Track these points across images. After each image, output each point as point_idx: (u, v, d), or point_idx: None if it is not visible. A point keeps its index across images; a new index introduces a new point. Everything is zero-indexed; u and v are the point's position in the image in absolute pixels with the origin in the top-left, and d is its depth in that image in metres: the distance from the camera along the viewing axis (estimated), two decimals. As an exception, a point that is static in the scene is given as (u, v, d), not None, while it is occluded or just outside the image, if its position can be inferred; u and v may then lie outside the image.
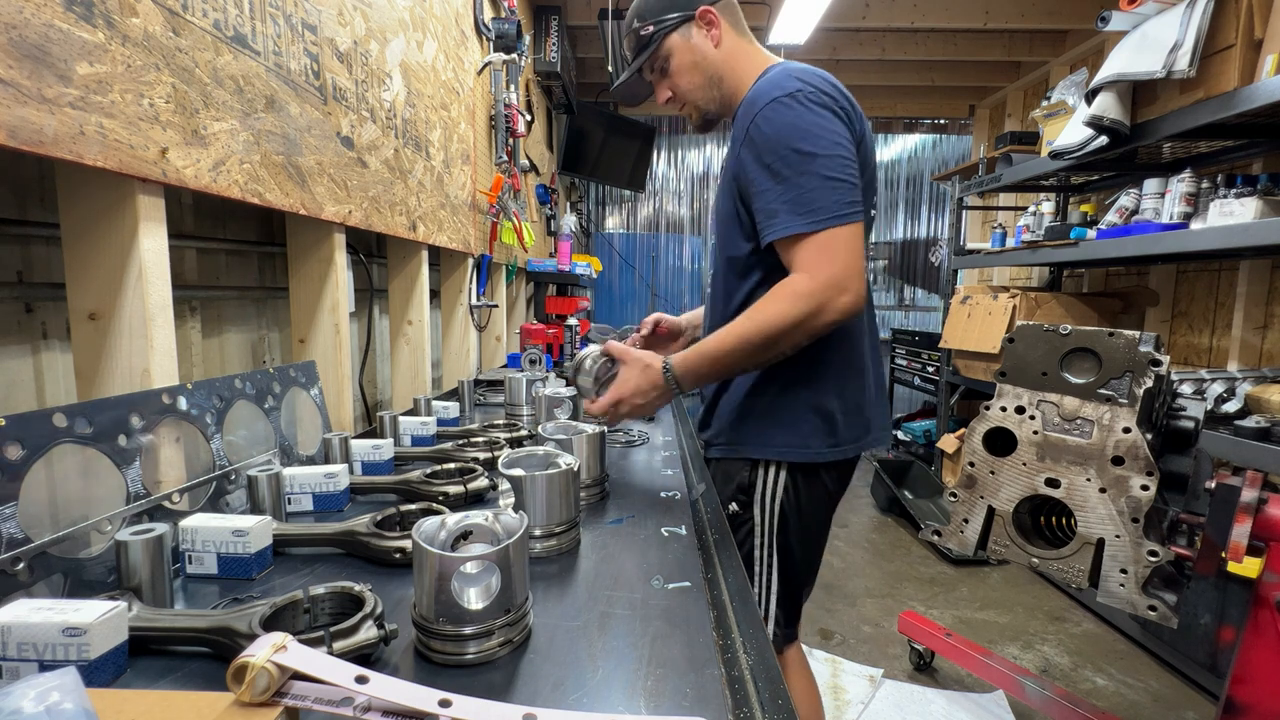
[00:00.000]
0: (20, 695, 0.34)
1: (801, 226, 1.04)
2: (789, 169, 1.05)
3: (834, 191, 1.04)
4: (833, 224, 1.03)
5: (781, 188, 1.06)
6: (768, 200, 1.08)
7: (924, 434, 4.31)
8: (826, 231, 1.03)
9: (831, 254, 1.04)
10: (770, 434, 1.20)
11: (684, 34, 1.21)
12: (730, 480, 1.25)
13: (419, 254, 1.74)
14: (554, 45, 3.23)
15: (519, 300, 3.18)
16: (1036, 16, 3.41)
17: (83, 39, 0.68)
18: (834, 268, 1.03)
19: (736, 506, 1.24)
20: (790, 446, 1.19)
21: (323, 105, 1.18)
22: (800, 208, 1.04)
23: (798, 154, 1.05)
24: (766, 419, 1.21)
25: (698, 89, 1.24)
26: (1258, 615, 1.09)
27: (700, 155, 5.53)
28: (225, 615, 0.55)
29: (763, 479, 1.22)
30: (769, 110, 1.07)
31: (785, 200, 1.05)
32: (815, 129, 1.06)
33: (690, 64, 1.22)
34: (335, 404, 1.29)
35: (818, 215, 1.04)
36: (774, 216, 1.07)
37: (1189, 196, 2.30)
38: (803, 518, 1.22)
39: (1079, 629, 2.56)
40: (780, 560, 1.23)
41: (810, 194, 1.04)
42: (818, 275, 1.03)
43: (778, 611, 1.25)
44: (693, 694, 0.51)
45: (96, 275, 0.79)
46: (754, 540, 1.23)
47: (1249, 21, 1.90)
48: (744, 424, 1.23)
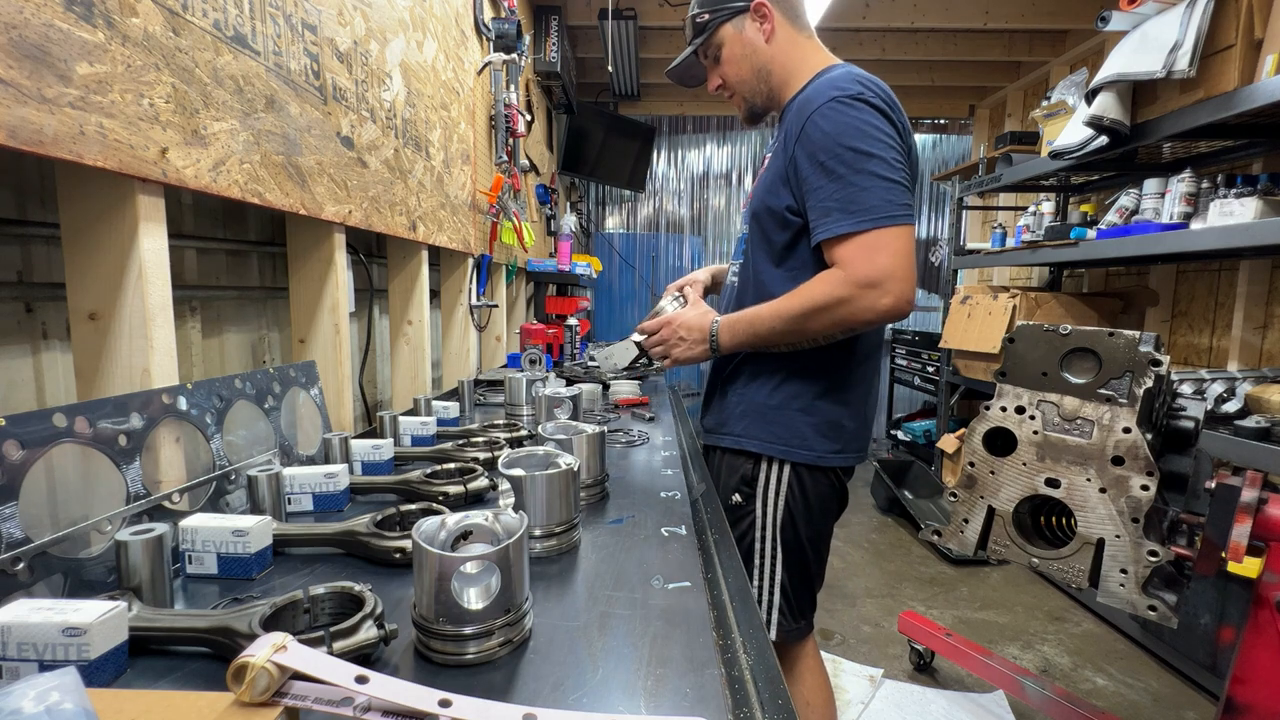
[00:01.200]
0: (20, 695, 0.34)
1: (849, 226, 1.05)
2: (844, 167, 1.06)
3: (886, 191, 1.05)
4: (881, 224, 1.04)
5: (835, 186, 1.06)
6: (820, 198, 1.08)
7: (924, 434, 4.30)
8: (874, 232, 1.04)
9: (872, 253, 1.04)
10: (778, 432, 1.22)
11: (737, 25, 1.22)
12: (734, 472, 1.26)
13: (419, 254, 1.74)
14: (554, 45, 3.23)
15: (519, 300, 3.18)
16: (1036, 16, 3.41)
17: (83, 39, 0.68)
18: (871, 267, 1.04)
19: (739, 498, 1.25)
20: (795, 447, 1.21)
21: (323, 105, 1.18)
22: (851, 206, 1.05)
23: (854, 152, 1.05)
24: (776, 417, 1.22)
25: (745, 81, 1.25)
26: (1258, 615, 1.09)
27: (700, 155, 5.52)
28: (225, 615, 0.55)
29: (765, 473, 1.23)
30: (827, 109, 1.08)
31: (838, 199, 1.06)
32: (872, 130, 1.06)
33: (740, 55, 1.24)
34: (335, 404, 1.29)
35: (866, 215, 1.04)
36: (827, 215, 1.08)
37: (1189, 196, 2.30)
38: (810, 514, 1.24)
39: (1079, 629, 2.56)
40: (785, 554, 1.24)
41: (862, 193, 1.05)
42: (854, 272, 1.05)
43: (781, 602, 1.26)
44: (693, 694, 0.51)
45: (96, 275, 0.79)
46: (755, 533, 1.24)
47: (1249, 21, 1.90)
48: (754, 419, 1.24)
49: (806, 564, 1.27)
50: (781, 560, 1.25)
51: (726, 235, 5.59)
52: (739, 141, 5.49)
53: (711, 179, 5.54)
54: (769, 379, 1.24)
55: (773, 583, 1.25)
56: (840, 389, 1.22)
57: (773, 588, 1.25)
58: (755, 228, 1.24)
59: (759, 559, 1.25)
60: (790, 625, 1.27)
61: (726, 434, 1.28)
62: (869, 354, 1.26)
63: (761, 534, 1.24)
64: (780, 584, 1.25)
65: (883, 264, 1.03)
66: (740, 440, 1.26)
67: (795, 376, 1.22)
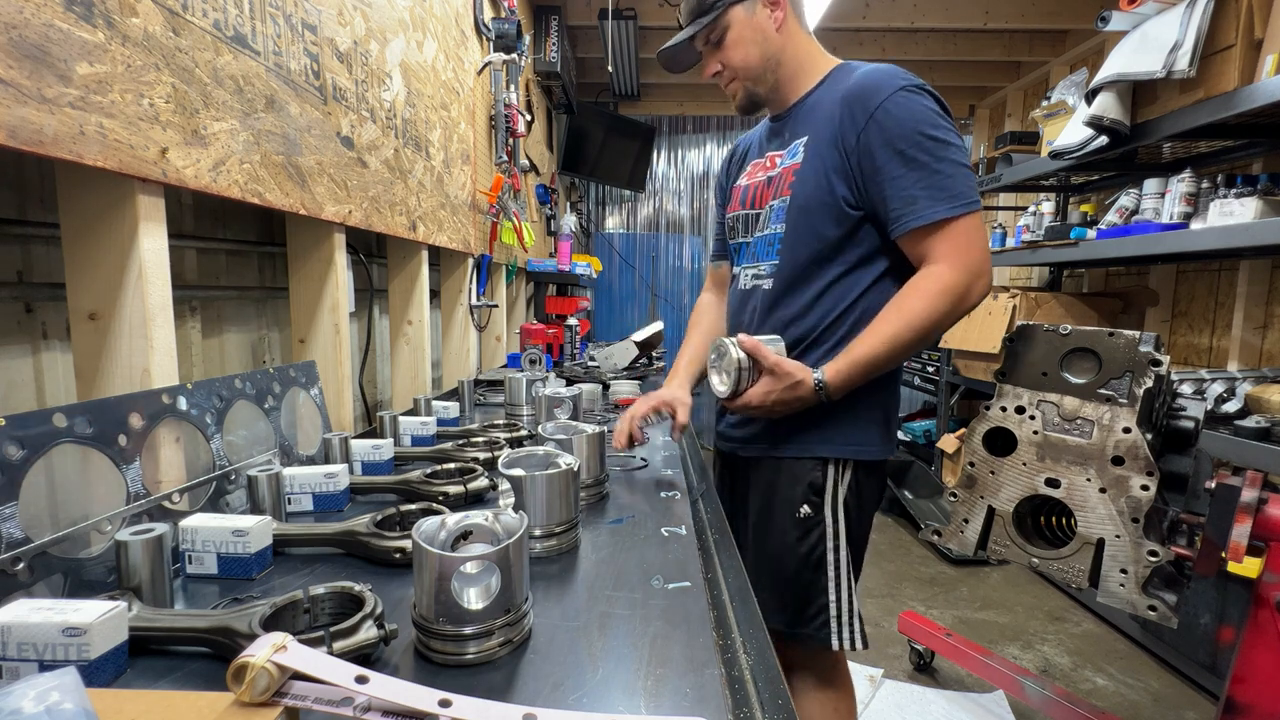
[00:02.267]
0: (20, 695, 0.34)
1: (945, 211, 1.03)
2: (926, 155, 1.04)
3: (969, 178, 1.05)
4: (972, 209, 1.03)
5: (919, 174, 1.04)
6: (903, 186, 1.06)
7: (924, 434, 4.30)
8: (966, 218, 1.03)
9: (971, 240, 1.04)
10: (843, 433, 1.17)
11: (748, 8, 1.18)
12: (799, 481, 1.18)
13: (419, 254, 1.74)
14: (554, 45, 3.23)
15: (519, 300, 3.18)
16: (1036, 16, 3.41)
17: (83, 39, 0.68)
18: (974, 253, 1.03)
19: (809, 509, 1.17)
20: (861, 445, 1.17)
21: (323, 105, 1.18)
22: (941, 193, 1.03)
23: (934, 141, 1.04)
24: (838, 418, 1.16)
25: (752, 67, 1.21)
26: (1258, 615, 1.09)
27: (700, 155, 5.52)
28: (225, 615, 0.55)
29: (834, 478, 1.17)
30: (899, 97, 1.06)
31: (924, 186, 1.04)
32: (944, 121, 1.06)
33: (749, 40, 1.19)
34: (335, 404, 1.29)
35: (958, 200, 1.03)
36: (913, 203, 1.05)
37: (1189, 196, 2.30)
38: (862, 512, 1.21)
39: (1079, 629, 2.56)
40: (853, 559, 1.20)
41: (950, 180, 1.03)
42: (959, 263, 1.03)
43: (861, 609, 1.20)
44: (693, 694, 0.51)
45: (96, 275, 0.79)
46: (826, 544, 1.16)
47: (1249, 21, 1.90)
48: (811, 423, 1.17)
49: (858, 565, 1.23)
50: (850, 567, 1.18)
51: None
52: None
53: (711, 179, 5.53)
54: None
55: (851, 591, 1.18)
56: (890, 381, 1.19)
57: (852, 597, 1.18)
58: (801, 223, 1.17)
59: (834, 569, 1.16)
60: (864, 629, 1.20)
61: (787, 442, 1.19)
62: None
63: (834, 543, 1.17)
64: (857, 591, 1.19)
65: (980, 249, 1.04)
66: (808, 447, 1.18)
67: None
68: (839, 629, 1.16)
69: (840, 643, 1.16)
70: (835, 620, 1.16)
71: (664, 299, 5.15)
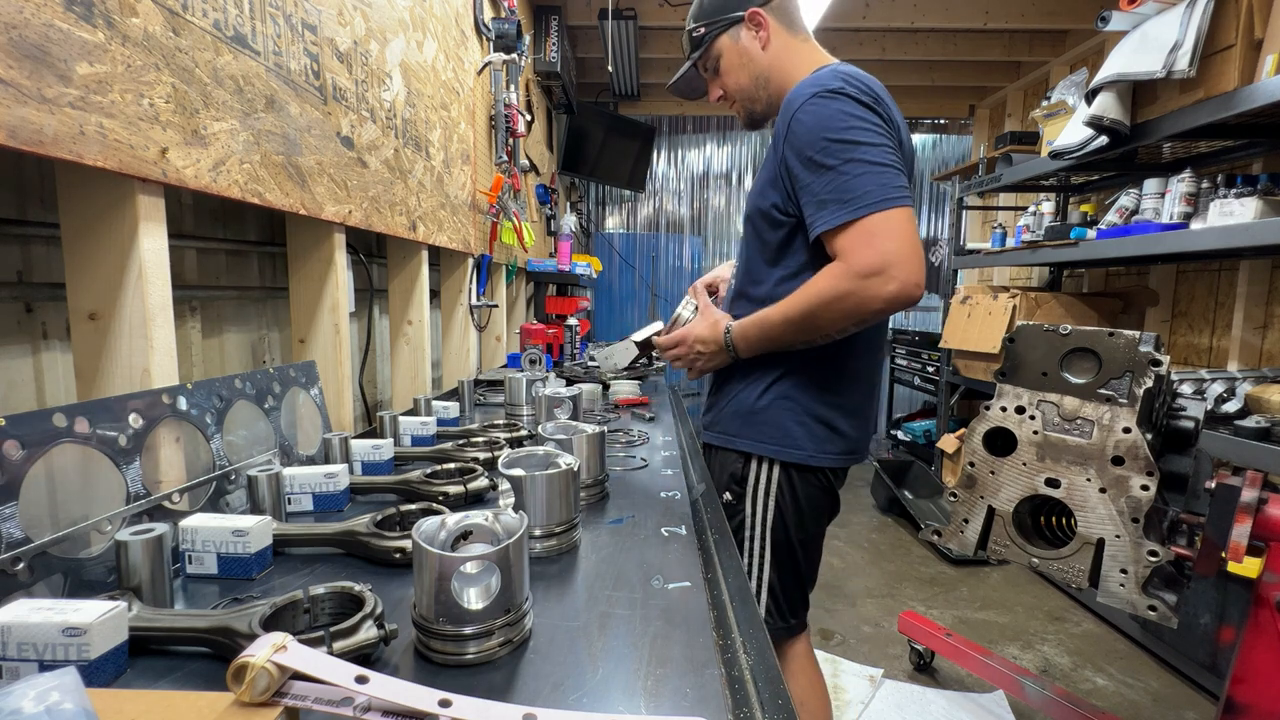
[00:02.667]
0: (20, 695, 0.34)
1: (846, 215, 1.03)
2: (831, 158, 1.05)
3: (878, 176, 1.03)
4: (876, 209, 1.02)
5: (825, 178, 1.05)
6: (813, 193, 1.07)
7: (924, 434, 4.30)
8: (871, 217, 1.02)
9: (870, 239, 1.02)
10: (767, 431, 1.22)
11: (733, 35, 1.24)
12: (725, 470, 1.28)
13: (419, 254, 1.74)
14: (554, 45, 3.23)
15: (519, 300, 3.18)
16: (1036, 16, 3.41)
17: (83, 39, 0.68)
18: (872, 253, 1.01)
19: (730, 497, 1.27)
20: (785, 446, 1.21)
21: (323, 105, 1.18)
22: (844, 194, 1.04)
23: (839, 143, 1.04)
24: (766, 417, 1.23)
25: (745, 89, 1.27)
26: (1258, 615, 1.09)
27: (700, 155, 5.52)
28: (225, 615, 0.55)
29: (755, 472, 1.24)
30: (809, 105, 1.08)
31: (829, 190, 1.05)
32: (856, 121, 1.05)
33: (738, 65, 1.26)
34: (335, 404, 1.29)
35: (859, 202, 1.02)
36: (822, 208, 1.06)
37: (1189, 196, 2.30)
38: (800, 515, 1.24)
39: (1079, 629, 2.56)
40: (774, 554, 1.25)
41: (853, 181, 1.03)
42: (854, 261, 1.03)
43: (769, 602, 1.27)
44: (693, 694, 0.51)
45: (96, 275, 0.79)
46: (745, 532, 1.25)
47: (1249, 21, 1.90)
48: (745, 418, 1.25)
49: (797, 564, 1.28)
50: (771, 560, 1.25)
51: (727, 235, 5.58)
52: (739, 141, 5.49)
53: (711, 179, 5.54)
54: (761, 378, 1.24)
55: (759, 581, 1.26)
56: (833, 388, 1.21)
57: (759, 586, 1.26)
58: (750, 230, 1.25)
59: (747, 557, 1.26)
60: (778, 624, 1.29)
61: (719, 431, 1.30)
62: (865, 350, 1.25)
63: (750, 533, 1.25)
64: (769, 583, 1.26)
65: (883, 249, 1.01)
66: (731, 439, 1.27)
67: (787, 375, 1.21)
68: None
69: None
70: None
71: (664, 299, 5.15)
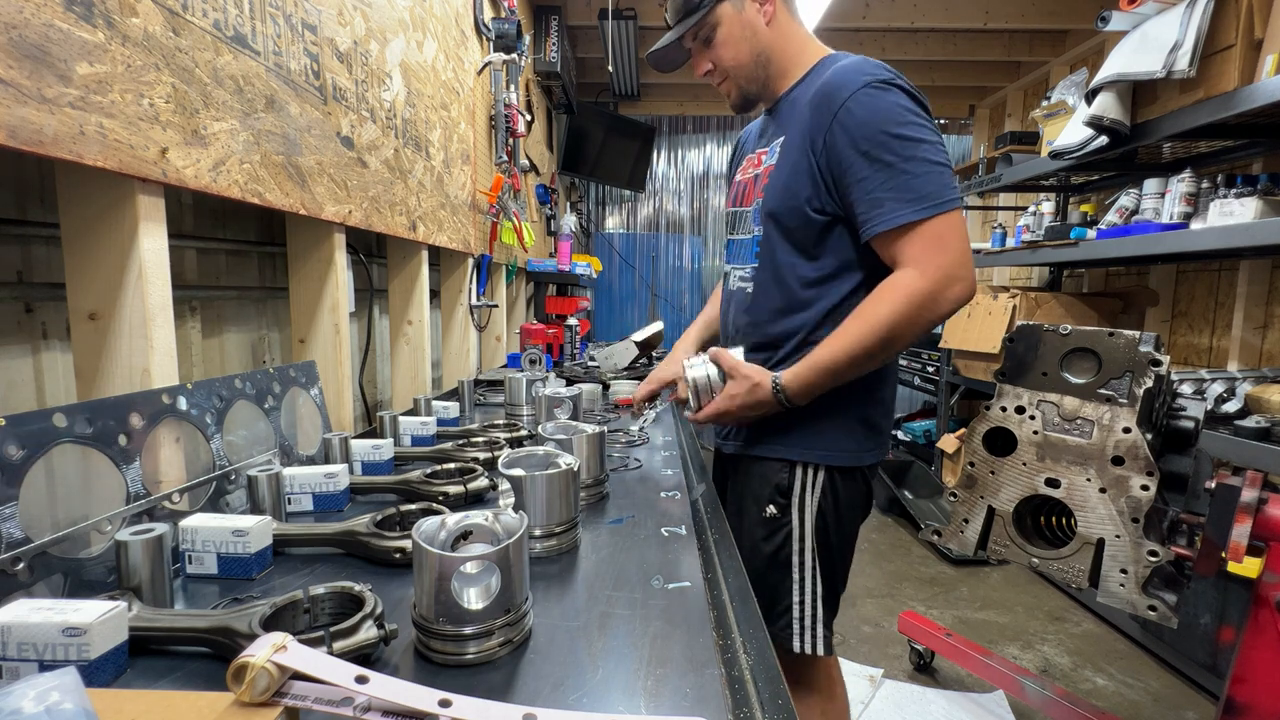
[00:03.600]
0: (20, 695, 0.34)
1: (911, 215, 0.98)
2: (891, 155, 1.00)
3: (940, 176, 1.00)
4: (943, 209, 0.98)
5: (885, 174, 1.00)
6: (869, 188, 1.02)
7: (924, 434, 4.30)
8: (937, 219, 0.98)
9: (942, 243, 0.98)
10: (813, 437, 1.15)
11: (736, 4, 1.15)
12: (767, 482, 1.18)
13: (419, 254, 1.74)
14: (554, 45, 3.23)
15: (519, 300, 3.18)
16: (1036, 16, 3.41)
17: (83, 39, 0.68)
18: (946, 257, 0.98)
19: (775, 510, 1.17)
20: (832, 450, 1.15)
21: (323, 105, 1.18)
22: (908, 194, 0.99)
23: (901, 139, 1.00)
24: (813, 423, 1.14)
25: (743, 65, 1.18)
26: (1258, 615, 1.09)
27: (700, 155, 5.52)
28: (225, 615, 0.55)
29: (801, 481, 1.16)
30: (863, 95, 1.02)
31: (891, 188, 1.00)
32: (913, 116, 1.01)
33: (739, 36, 1.16)
34: (335, 404, 1.29)
35: (927, 202, 0.98)
36: (879, 206, 1.01)
37: (1189, 196, 2.30)
38: (840, 517, 1.17)
39: (1079, 629, 2.56)
40: (823, 564, 1.17)
41: (918, 180, 0.99)
42: (929, 269, 0.98)
43: (825, 615, 1.17)
44: (693, 694, 0.51)
45: (96, 275, 0.79)
46: (792, 545, 1.16)
47: (1249, 21, 1.90)
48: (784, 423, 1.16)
49: (835, 570, 1.20)
50: (821, 571, 1.16)
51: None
52: (739, 141, 5.48)
53: (711, 179, 5.54)
54: None
55: (815, 595, 1.16)
56: (873, 385, 1.15)
57: (815, 601, 1.16)
58: (774, 228, 1.16)
59: (799, 571, 1.15)
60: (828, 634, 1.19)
61: (759, 442, 1.19)
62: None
63: (800, 545, 1.15)
64: (822, 596, 1.17)
65: (953, 250, 0.98)
66: (774, 448, 1.17)
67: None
68: (801, 632, 1.15)
69: (802, 646, 1.15)
70: (798, 623, 1.15)
71: (664, 299, 5.15)
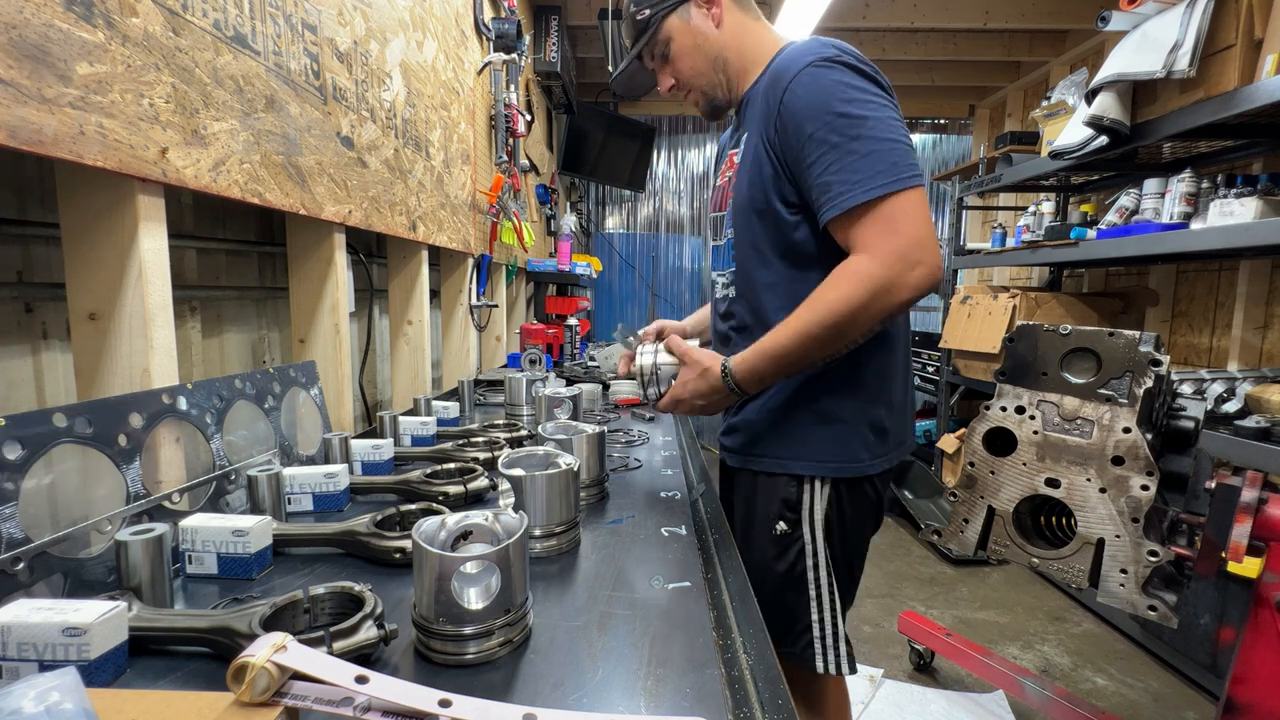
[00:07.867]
0: (20, 695, 0.34)
1: (858, 197, 0.92)
2: (837, 135, 0.94)
3: (891, 153, 0.92)
4: (892, 189, 0.91)
5: (831, 156, 0.94)
6: (818, 173, 0.96)
7: (924, 434, 4.30)
8: (889, 200, 0.92)
9: (893, 225, 0.92)
10: (822, 450, 1.09)
11: (683, 15, 1.12)
12: (774, 497, 1.12)
13: (419, 254, 1.74)
14: (554, 45, 3.23)
15: (519, 300, 3.18)
16: (1036, 16, 3.41)
17: (83, 39, 0.68)
18: (899, 240, 0.91)
19: (785, 526, 1.11)
20: (835, 460, 1.09)
21: (323, 105, 1.18)
22: (855, 175, 0.92)
23: (845, 118, 0.94)
24: (813, 430, 1.09)
25: (701, 73, 1.15)
26: (1258, 615, 1.09)
27: (700, 155, 5.52)
28: (225, 615, 0.55)
29: (810, 495, 1.10)
30: (804, 76, 0.97)
31: (838, 170, 0.94)
32: (856, 93, 0.95)
33: (691, 46, 1.13)
34: (335, 404, 1.29)
35: (875, 182, 0.92)
36: (827, 190, 0.95)
37: (1189, 196, 2.30)
38: (847, 529, 1.13)
39: (1079, 629, 2.56)
40: (839, 576, 1.13)
41: (864, 160, 0.92)
42: (881, 253, 0.92)
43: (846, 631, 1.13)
44: (693, 694, 0.51)
45: (96, 275, 0.79)
46: (806, 560, 1.11)
47: (1249, 21, 1.90)
48: (788, 434, 1.11)
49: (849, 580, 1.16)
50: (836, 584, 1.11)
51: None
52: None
53: (711, 179, 5.53)
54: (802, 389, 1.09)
55: (834, 610, 1.11)
56: (881, 385, 1.09)
57: (834, 616, 1.11)
58: (746, 226, 1.11)
59: (814, 588, 1.10)
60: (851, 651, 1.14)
61: (762, 455, 1.13)
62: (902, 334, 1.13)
63: (814, 560, 1.10)
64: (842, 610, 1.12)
65: (907, 233, 0.91)
66: (782, 462, 1.11)
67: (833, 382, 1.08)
68: (823, 651, 1.11)
69: (825, 666, 1.11)
70: (819, 642, 1.11)
71: (664, 299, 5.15)
